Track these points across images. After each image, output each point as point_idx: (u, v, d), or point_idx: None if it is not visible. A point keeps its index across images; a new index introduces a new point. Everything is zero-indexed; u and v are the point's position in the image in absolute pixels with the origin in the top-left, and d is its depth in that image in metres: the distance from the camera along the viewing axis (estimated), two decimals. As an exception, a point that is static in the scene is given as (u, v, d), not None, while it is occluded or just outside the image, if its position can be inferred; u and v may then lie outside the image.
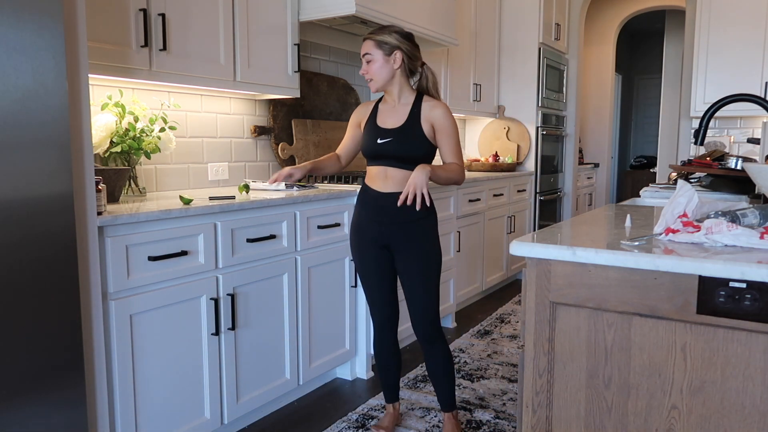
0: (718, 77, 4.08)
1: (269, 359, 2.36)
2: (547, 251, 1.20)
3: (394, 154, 2.07)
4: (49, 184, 1.48)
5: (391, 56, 2.05)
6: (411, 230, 2.08)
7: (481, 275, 4.12)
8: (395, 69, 2.06)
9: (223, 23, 2.43)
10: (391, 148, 2.06)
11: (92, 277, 1.69)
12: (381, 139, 2.08)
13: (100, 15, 1.98)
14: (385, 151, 2.07)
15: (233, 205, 2.12)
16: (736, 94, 1.83)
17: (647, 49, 8.93)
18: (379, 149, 2.08)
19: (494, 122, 4.97)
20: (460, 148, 2.13)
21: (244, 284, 2.21)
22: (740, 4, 3.98)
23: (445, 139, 2.09)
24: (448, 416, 2.27)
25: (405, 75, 2.10)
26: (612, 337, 1.18)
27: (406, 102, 2.11)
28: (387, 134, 2.08)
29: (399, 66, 2.06)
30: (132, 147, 2.20)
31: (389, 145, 2.07)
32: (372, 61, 2.06)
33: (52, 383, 1.53)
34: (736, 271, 1.02)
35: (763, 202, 2.01)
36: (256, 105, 3.02)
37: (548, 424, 1.27)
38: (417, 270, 2.10)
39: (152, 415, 1.93)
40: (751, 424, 1.06)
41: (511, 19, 4.84)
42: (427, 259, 2.10)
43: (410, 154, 2.06)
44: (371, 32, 2.07)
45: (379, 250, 2.14)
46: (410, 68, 2.10)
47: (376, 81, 2.07)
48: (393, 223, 2.08)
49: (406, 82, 2.11)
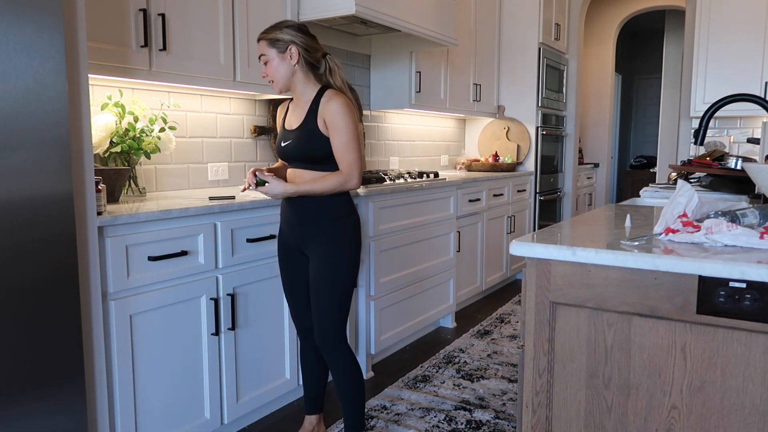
0: (718, 77, 4.08)
1: (269, 359, 2.36)
2: (547, 251, 1.20)
3: (296, 156, 1.96)
4: (49, 184, 1.48)
5: (286, 52, 1.91)
6: (322, 231, 1.96)
7: (481, 275, 4.12)
8: (293, 65, 1.92)
9: (223, 23, 2.43)
10: (292, 149, 1.96)
11: (92, 277, 1.69)
12: (284, 141, 1.99)
13: (100, 15, 1.98)
14: (289, 152, 1.98)
15: (233, 205, 2.12)
16: (736, 94, 1.83)
17: (647, 49, 8.93)
18: (284, 151, 1.99)
19: (494, 122, 4.97)
20: (353, 147, 1.91)
21: (244, 284, 2.20)
22: (740, 4, 3.98)
23: (335, 136, 1.90)
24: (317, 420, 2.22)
25: (305, 70, 1.96)
26: (612, 337, 1.18)
27: (307, 99, 1.97)
28: (288, 136, 1.98)
29: (297, 61, 1.92)
30: (132, 147, 2.20)
31: (290, 146, 1.96)
32: (268, 62, 1.93)
33: (52, 383, 1.53)
34: (736, 271, 1.02)
35: (763, 202, 2.01)
36: (256, 105, 3.02)
37: (548, 424, 1.27)
38: (316, 274, 1.96)
39: (152, 415, 1.93)
40: (751, 424, 1.06)
41: (511, 19, 4.84)
42: (332, 262, 1.95)
43: (310, 154, 1.93)
44: (263, 32, 1.95)
45: (298, 256, 2.04)
46: (310, 61, 1.95)
47: (277, 81, 1.95)
48: (305, 225, 1.97)
49: (310, 78, 1.97)
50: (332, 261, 1.95)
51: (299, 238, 2.00)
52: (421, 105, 3.85)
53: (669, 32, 6.69)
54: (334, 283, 1.95)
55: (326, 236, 1.95)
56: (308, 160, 1.95)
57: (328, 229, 1.96)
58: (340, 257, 1.96)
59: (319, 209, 1.96)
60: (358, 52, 3.74)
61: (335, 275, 1.95)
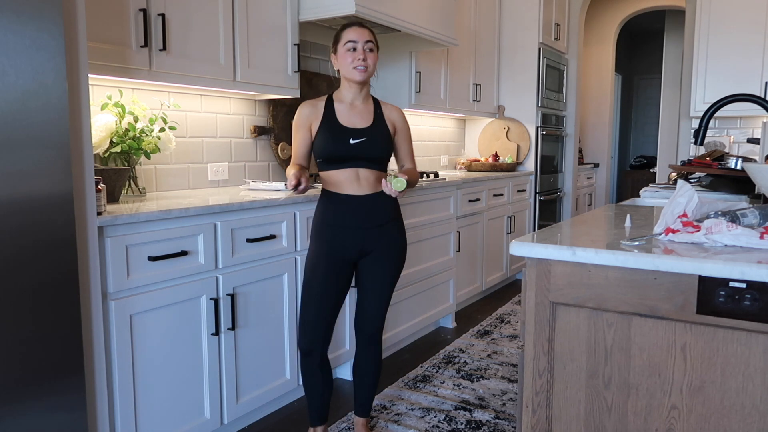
0: (718, 77, 4.08)
1: (269, 359, 2.36)
2: (547, 251, 1.20)
3: (367, 155, 1.98)
4: (49, 184, 1.48)
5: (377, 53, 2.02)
6: (391, 230, 2.05)
7: (481, 275, 4.12)
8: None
9: (223, 23, 2.43)
10: (365, 148, 1.98)
11: (92, 277, 1.69)
12: (354, 140, 1.97)
13: (100, 15, 1.98)
14: (357, 151, 1.97)
15: (233, 205, 2.12)
16: (735, 94, 1.83)
17: (647, 49, 8.93)
18: (352, 150, 1.97)
19: (494, 122, 4.97)
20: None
21: (244, 284, 2.20)
22: (740, 4, 3.98)
23: (404, 142, 2.12)
24: (363, 422, 2.24)
25: None
26: (612, 337, 1.18)
27: (366, 101, 2.06)
28: (359, 134, 1.98)
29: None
30: (132, 147, 2.20)
31: (363, 145, 1.98)
32: (374, 50, 1.99)
33: (52, 383, 1.53)
34: (735, 271, 1.02)
35: (763, 202, 2.01)
36: (255, 105, 3.02)
37: (548, 424, 1.27)
38: (389, 269, 2.07)
39: (152, 415, 1.93)
40: (751, 424, 1.06)
41: (510, 19, 4.84)
42: (401, 258, 2.10)
43: (381, 154, 2.01)
44: (363, 24, 2.01)
45: (348, 266, 2.03)
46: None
47: (370, 71, 1.99)
48: (375, 226, 2.01)
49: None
50: (403, 257, 2.11)
51: (365, 240, 2.01)
52: (421, 105, 3.85)
53: (669, 32, 6.69)
54: (398, 276, 2.12)
55: (399, 233, 2.09)
56: (375, 160, 2.01)
57: (400, 226, 2.11)
58: (405, 253, 2.13)
59: (395, 207, 2.09)
60: (358, 52, 3.74)
61: (400, 270, 2.12)
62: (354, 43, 1.95)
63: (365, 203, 2.00)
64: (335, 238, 2.00)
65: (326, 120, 2.00)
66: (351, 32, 1.97)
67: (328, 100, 2.05)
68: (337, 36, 2.01)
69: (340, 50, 1.98)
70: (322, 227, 2.02)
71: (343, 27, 2.01)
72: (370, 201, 2.00)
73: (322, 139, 1.99)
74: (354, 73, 1.97)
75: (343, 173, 1.99)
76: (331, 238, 2.00)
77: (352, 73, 1.97)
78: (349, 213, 1.99)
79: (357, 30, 1.97)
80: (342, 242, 2.00)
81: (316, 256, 2.01)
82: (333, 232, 2.00)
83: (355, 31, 1.97)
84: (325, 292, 2.01)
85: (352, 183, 1.99)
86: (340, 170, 1.99)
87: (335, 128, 1.99)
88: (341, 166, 1.99)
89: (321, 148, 2.00)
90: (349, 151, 1.97)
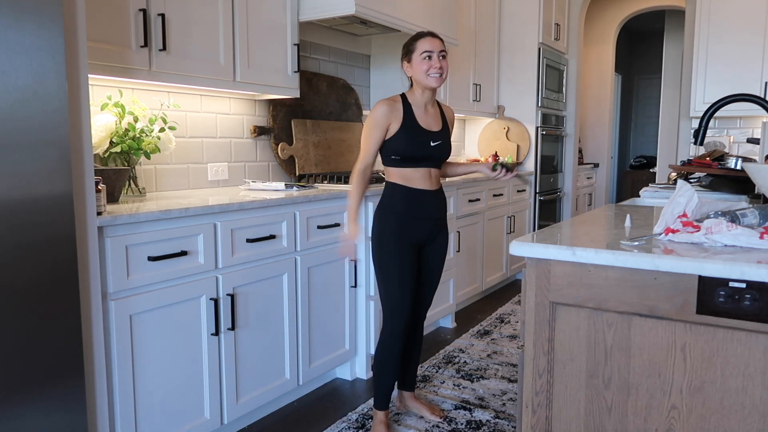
0: (718, 77, 4.08)
1: (269, 359, 2.36)
2: (547, 251, 1.20)
3: (441, 156, 2.18)
4: (49, 184, 1.48)
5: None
6: (445, 223, 2.28)
7: (480, 275, 4.12)
8: None
9: (223, 23, 2.43)
10: (441, 150, 2.17)
11: (92, 277, 1.69)
12: (434, 142, 2.14)
13: (100, 15, 1.98)
14: (437, 153, 2.15)
15: (233, 205, 2.12)
16: (735, 94, 1.83)
17: (647, 49, 8.93)
18: (432, 151, 2.14)
19: (494, 122, 4.97)
20: None
21: (244, 284, 2.20)
22: (740, 4, 3.98)
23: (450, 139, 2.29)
24: (412, 395, 2.46)
25: None
26: (612, 337, 1.18)
27: (434, 105, 2.23)
28: (437, 137, 2.16)
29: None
30: (132, 147, 2.19)
31: (441, 147, 2.16)
32: (446, 58, 2.14)
33: (52, 383, 1.53)
34: (735, 271, 1.02)
35: (762, 202, 2.01)
36: (255, 105, 3.02)
37: (548, 424, 1.27)
38: (442, 259, 2.29)
39: (152, 415, 1.93)
40: (751, 424, 1.06)
41: (510, 19, 4.84)
42: (447, 248, 2.33)
43: (449, 155, 2.23)
44: (434, 34, 2.14)
45: (416, 251, 2.20)
46: None
47: (444, 78, 2.13)
48: (440, 218, 2.23)
49: None
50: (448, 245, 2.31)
51: (432, 229, 2.20)
52: (421, 105, 3.84)
53: (669, 32, 6.69)
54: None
55: (447, 227, 2.29)
56: (444, 160, 2.22)
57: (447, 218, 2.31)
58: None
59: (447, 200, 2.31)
60: (358, 52, 3.74)
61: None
62: (430, 52, 2.09)
63: (434, 198, 2.19)
64: (405, 226, 2.16)
65: (407, 121, 2.13)
66: (426, 42, 2.11)
67: (404, 101, 2.16)
68: (410, 46, 2.14)
69: (414, 59, 2.12)
70: (396, 217, 2.16)
71: (416, 37, 2.14)
72: (437, 196, 2.21)
73: (404, 139, 2.11)
74: (431, 80, 2.11)
75: (418, 171, 2.15)
76: (401, 227, 2.16)
77: (429, 80, 2.11)
78: (423, 205, 2.17)
79: (431, 40, 2.11)
80: (412, 229, 2.16)
81: (392, 243, 2.15)
82: (406, 221, 2.16)
83: (429, 42, 2.11)
84: (408, 274, 2.17)
85: (425, 179, 2.16)
86: (415, 168, 2.15)
87: (417, 130, 2.13)
88: (418, 165, 2.15)
89: (402, 147, 2.12)
90: (429, 153, 2.14)
